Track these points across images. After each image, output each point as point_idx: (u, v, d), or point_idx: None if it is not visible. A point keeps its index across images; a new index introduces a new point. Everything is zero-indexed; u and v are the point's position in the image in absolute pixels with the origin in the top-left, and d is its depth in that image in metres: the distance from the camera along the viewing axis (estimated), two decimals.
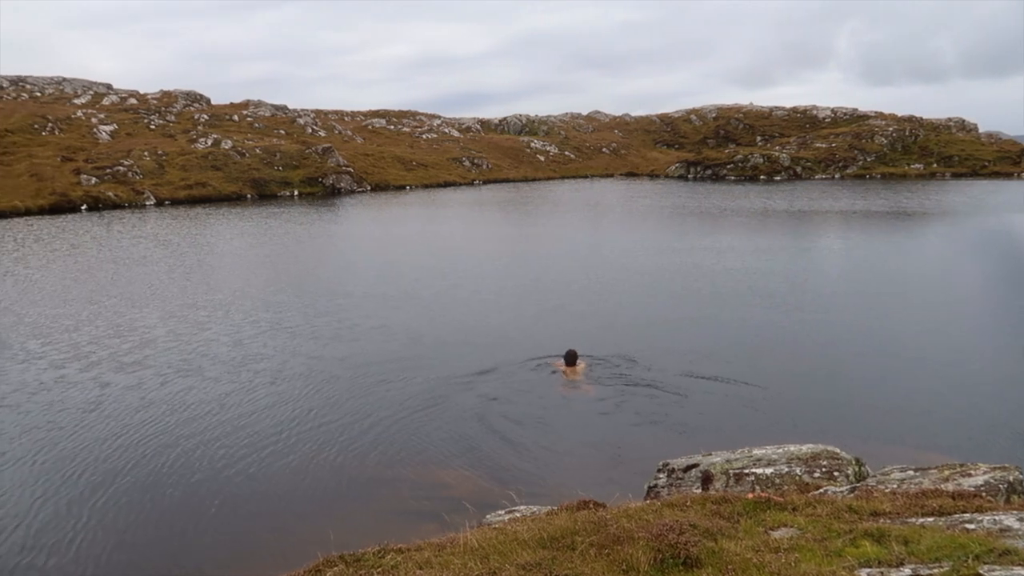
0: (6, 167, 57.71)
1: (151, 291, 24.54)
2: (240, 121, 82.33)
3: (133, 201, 57.79)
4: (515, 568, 4.67)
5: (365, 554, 5.53)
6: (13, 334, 18.86)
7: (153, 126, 75.75)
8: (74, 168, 59.59)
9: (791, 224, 42.91)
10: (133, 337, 18.57)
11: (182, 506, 9.86)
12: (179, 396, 14.20)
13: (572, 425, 12.79)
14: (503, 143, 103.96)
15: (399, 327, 19.22)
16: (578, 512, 5.97)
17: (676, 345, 17.31)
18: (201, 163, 66.48)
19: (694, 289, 23.76)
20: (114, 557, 8.64)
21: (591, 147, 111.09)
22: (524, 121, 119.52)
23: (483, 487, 10.09)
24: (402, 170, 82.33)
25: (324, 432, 12.33)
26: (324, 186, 70.12)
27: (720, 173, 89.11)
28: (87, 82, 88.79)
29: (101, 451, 11.62)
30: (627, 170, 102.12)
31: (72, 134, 68.08)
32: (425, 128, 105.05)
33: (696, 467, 7.98)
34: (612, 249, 34.07)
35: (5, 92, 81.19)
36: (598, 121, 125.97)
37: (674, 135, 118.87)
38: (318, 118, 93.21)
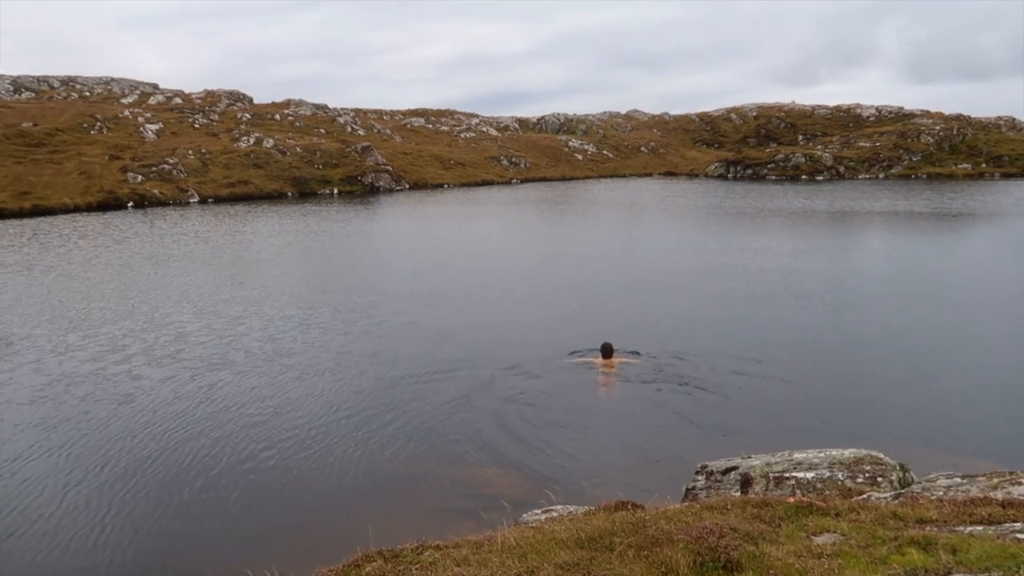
0: (57, 165, 59.30)
1: (188, 286, 25.03)
2: (281, 120, 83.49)
3: (177, 199, 58.97)
4: (553, 567, 4.66)
5: (403, 550, 5.57)
6: (54, 327, 19.37)
7: (197, 125, 77.18)
8: (121, 166, 61.01)
9: (830, 225, 42.20)
10: (168, 331, 18.96)
11: (218, 498, 10.02)
12: (211, 390, 14.45)
13: (608, 424, 12.74)
14: (541, 142, 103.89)
15: (432, 325, 19.34)
16: (616, 513, 5.94)
17: (712, 345, 17.14)
18: (243, 161, 67.57)
19: (731, 289, 23.52)
20: (149, 549, 8.81)
21: (629, 146, 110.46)
22: (562, 120, 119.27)
23: (519, 485, 10.10)
24: (440, 169, 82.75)
25: (358, 428, 12.45)
26: (363, 184, 70.79)
27: (760, 173, 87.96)
28: (134, 82, 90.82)
29: (134, 443, 11.86)
30: (665, 169, 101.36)
31: (120, 133, 69.68)
32: (463, 127, 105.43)
33: (735, 470, 7.89)
34: (647, 249, 33.88)
35: (56, 92, 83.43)
36: (636, 120, 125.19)
37: (714, 134, 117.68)
38: (358, 117, 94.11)
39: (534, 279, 26.11)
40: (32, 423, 12.78)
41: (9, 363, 16.32)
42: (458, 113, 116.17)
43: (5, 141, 61.45)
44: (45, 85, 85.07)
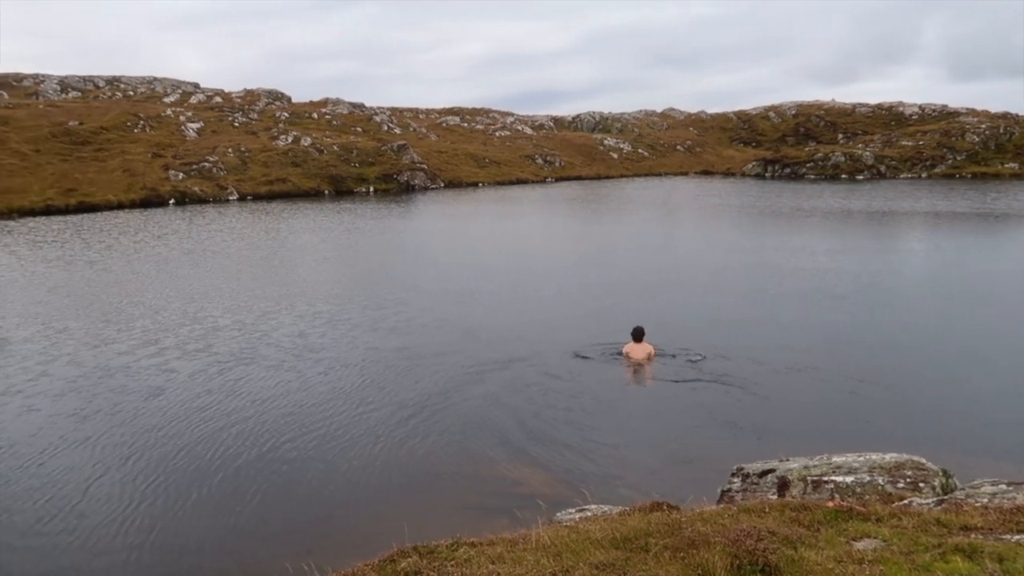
0: (101, 163, 60.66)
1: (222, 282, 25.46)
2: (319, 119, 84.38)
3: (217, 196, 59.94)
4: (588, 567, 4.66)
5: (438, 546, 5.60)
6: (91, 320, 19.81)
7: (237, 124, 78.34)
8: (163, 164, 62.20)
9: (868, 225, 41.46)
10: (201, 325, 19.29)
11: (253, 492, 10.13)
12: (242, 384, 14.65)
13: (641, 422, 12.67)
14: (576, 140, 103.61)
15: (462, 322, 19.40)
16: (651, 513, 5.91)
17: (745, 344, 16.96)
18: (281, 160, 68.45)
19: (764, 289, 23.30)
20: (184, 540, 8.94)
21: (665, 145, 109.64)
22: (597, 118, 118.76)
23: (552, 484, 10.10)
24: (475, 167, 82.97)
25: (389, 423, 12.53)
26: (399, 183, 71.27)
27: (799, 172, 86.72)
28: (176, 81, 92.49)
29: (166, 436, 12.04)
30: (702, 168, 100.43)
31: (162, 131, 71.03)
32: (498, 126, 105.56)
33: (772, 472, 7.80)
34: (680, 247, 33.66)
35: (101, 91, 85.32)
36: (672, 118, 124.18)
37: (751, 133, 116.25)
38: (394, 116, 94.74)
39: (565, 277, 26.08)
40: (66, 413, 13.07)
41: (46, 355, 16.73)
42: (493, 111, 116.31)
43: (52, 139, 63.02)
44: (91, 85, 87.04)
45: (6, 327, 19.26)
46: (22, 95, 79.10)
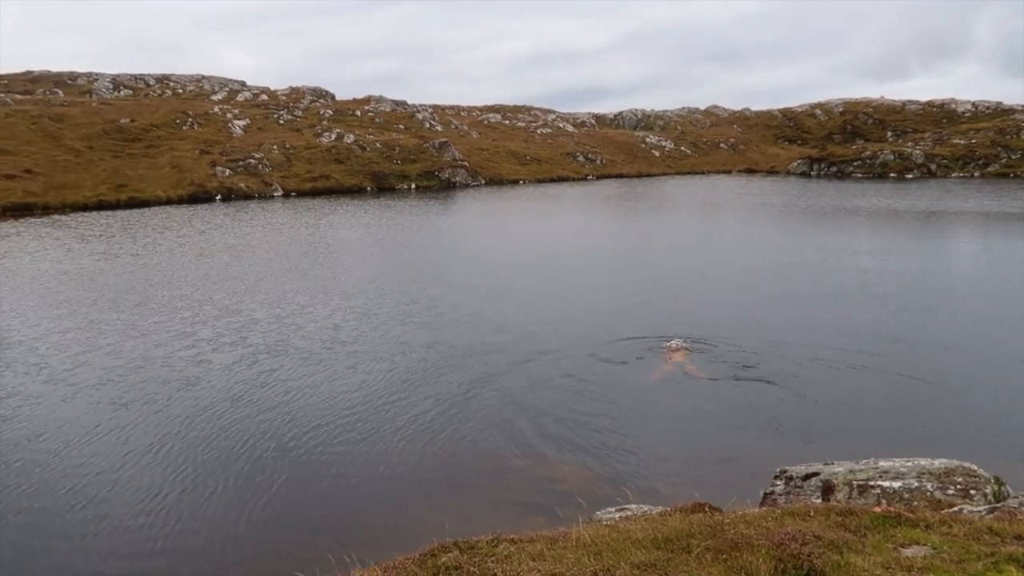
0: (151, 159, 62.07)
1: (261, 276, 25.93)
2: (362, 116, 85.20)
3: (262, 192, 60.90)
4: (629, 567, 4.64)
5: (479, 542, 5.63)
6: (133, 313, 20.30)
7: (282, 121, 79.47)
8: (210, 161, 63.40)
9: (915, 224, 40.46)
10: (237, 319, 19.68)
11: (293, 484, 10.29)
12: (278, 376, 14.88)
13: (682, 421, 12.57)
14: (617, 138, 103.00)
15: (497, 318, 19.46)
16: (693, 514, 5.86)
17: (788, 344, 16.71)
18: (325, 156, 69.29)
19: (806, 288, 22.99)
20: (228, 532, 9.11)
21: (708, 142, 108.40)
22: (639, 116, 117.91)
23: (591, 482, 10.07)
24: (516, 165, 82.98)
25: (429, 419, 12.62)
26: (440, 180, 71.63)
27: (846, 170, 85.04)
28: (223, 79, 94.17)
29: (206, 428, 12.28)
30: (745, 166, 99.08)
31: (209, 128, 72.39)
32: (540, 123, 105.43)
33: (816, 476, 7.68)
34: (721, 246, 33.28)
35: (152, 89, 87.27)
36: (716, 116, 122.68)
37: (797, 130, 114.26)
38: (435, 113, 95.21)
39: (601, 274, 25.96)
40: (105, 402, 13.43)
41: (86, 345, 17.21)
42: (534, 109, 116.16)
43: (105, 136, 64.66)
44: (142, 83, 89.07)
45: (52, 317, 19.85)
46: (76, 93, 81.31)
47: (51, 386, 14.37)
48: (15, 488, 10.27)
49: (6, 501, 9.93)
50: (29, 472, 10.73)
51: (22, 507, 9.76)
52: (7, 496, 10.06)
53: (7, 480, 10.51)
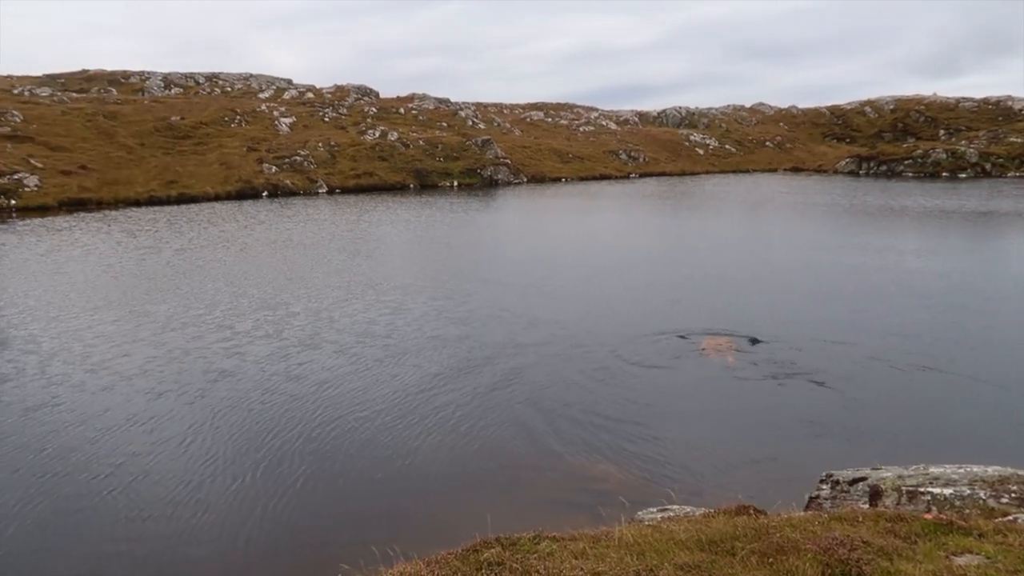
0: (200, 156, 63.39)
1: (300, 270, 26.36)
2: (405, 114, 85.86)
3: (307, 189, 61.78)
4: (673, 568, 4.61)
5: (520, 539, 5.65)
6: (173, 305, 20.78)
7: (327, 119, 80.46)
8: (257, 158, 64.51)
9: (966, 225, 39.32)
10: (275, 312, 20.03)
11: (337, 477, 10.41)
12: (315, 370, 15.07)
13: (725, 421, 12.44)
14: (661, 136, 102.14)
15: (539, 315, 19.44)
16: (737, 517, 5.81)
17: (832, 344, 16.44)
18: (369, 154, 70.01)
19: (849, 288, 22.57)
20: (270, 525, 9.26)
21: (753, 140, 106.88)
22: (683, 114, 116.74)
23: (634, 482, 10.03)
24: (558, 162, 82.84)
25: (468, 414, 12.68)
26: (482, 177, 71.87)
27: (896, 169, 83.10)
28: (271, 78, 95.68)
29: (247, 420, 12.47)
30: (792, 165, 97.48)
31: (256, 126, 73.65)
32: (582, 121, 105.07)
33: (864, 481, 7.54)
34: (763, 244, 32.83)
35: (201, 88, 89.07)
36: (762, 113, 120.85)
37: (845, 128, 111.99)
38: (478, 111, 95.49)
39: (641, 271, 25.77)
40: (144, 390, 13.75)
41: (129, 337, 17.69)
42: (577, 107, 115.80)
43: (156, 134, 66.22)
44: (192, 81, 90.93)
45: (96, 309, 20.46)
46: (129, 91, 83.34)
47: (91, 375, 14.83)
48: (50, 474, 10.57)
49: (40, 485, 10.22)
50: (65, 456, 11.06)
51: (58, 492, 10.04)
52: (41, 481, 10.36)
53: (43, 465, 10.84)
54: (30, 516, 9.44)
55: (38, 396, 13.63)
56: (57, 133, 60.84)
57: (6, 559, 8.53)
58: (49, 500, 9.83)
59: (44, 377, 14.70)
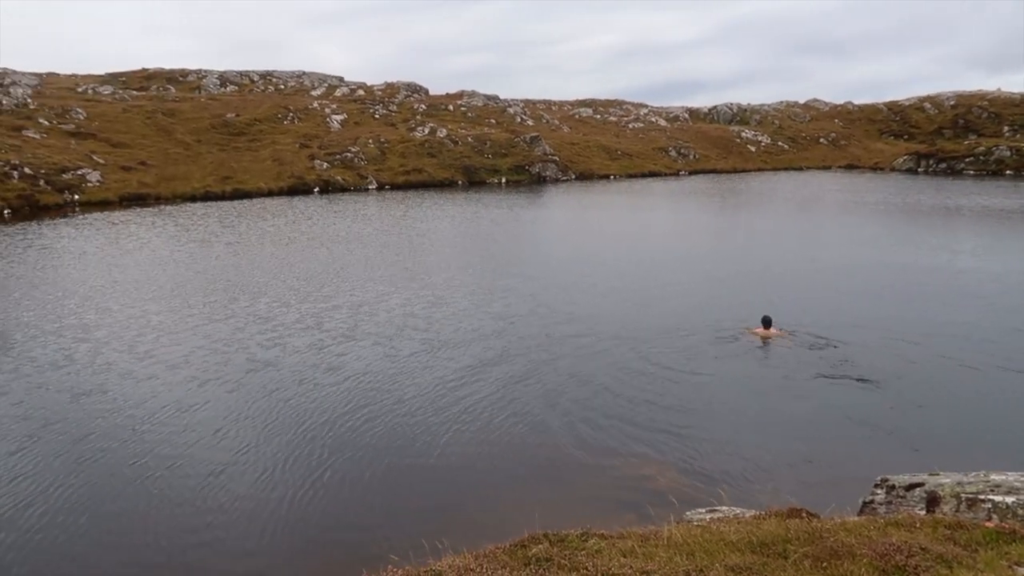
0: (254, 152, 64.68)
1: (345, 264, 26.80)
2: (454, 111, 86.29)
3: (358, 185, 62.58)
4: (723, 569, 4.57)
5: (569, 535, 5.66)
6: (221, 296, 21.28)
7: (377, 115, 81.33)
8: (309, 154, 65.57)
9: None
10: (318, 305, 20.38)
11: (386, 472, 10.50)
12: (355, 363, 15.25)
13: (776, 421, 12.25)
14: (711, 133, 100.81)
15: (587, 310, 19.39)
16: (789, 519, 5.72)
17: (887, 343, 16.08)
18: (418, 150, 70.58)
19: (901, 286, 22.11)
20: (320, 518, 9.39)
21: (807, 137, 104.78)
22: (735, 110, 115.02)
23: (683, 481, 9.94)
24: (607, 159, 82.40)
25: (515, 409, 12.70)
26: (530, 174, 71.87)
27: (956, 167, 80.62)
28: (323, 75, 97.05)
29: (293, 412, 12.65)
30: (847, 162, 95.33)
31: (308, 123, 74.83)
32: (631, 117, 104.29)
33: (921, 486, 7.35)
34: (814, 242, 32.20)
35: (255, 85, 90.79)
36: (816, 110, 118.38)
37: (903, 125, 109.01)
38: (527, 108, 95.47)
39: (687, 268, 25.48)
40: (186, 379, 14.07)
41: (175, 327, 18.22)
42: (626, 103, 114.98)
43: (212, 131, 67.76)
44: (246, 79, 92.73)
45: (146, 300, 21.13)
46: (187, 89, 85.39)
47: (140, 363, 15.33)
48: (91, 459, 10.91)
49: (80, 470, 10.55)
50: (108, 442, 11.39)
51: (98, 477, 10.34)
52: (81, 465, 10.69)
53: (84, 450, 11.20)
54: (67, 499, 9.73)
55: (87, 383, 14.15)
56: (118, 130, 62.70)
57: (42, 540, 8.80)
58: (87, 485, 10.12)
59: (94, 365, 15.26)
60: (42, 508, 9.49)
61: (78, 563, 8.42)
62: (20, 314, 19.41)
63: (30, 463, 10.76)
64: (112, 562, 8.48)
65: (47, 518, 9.26)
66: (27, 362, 15.41)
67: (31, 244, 31.77)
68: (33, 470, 10.55)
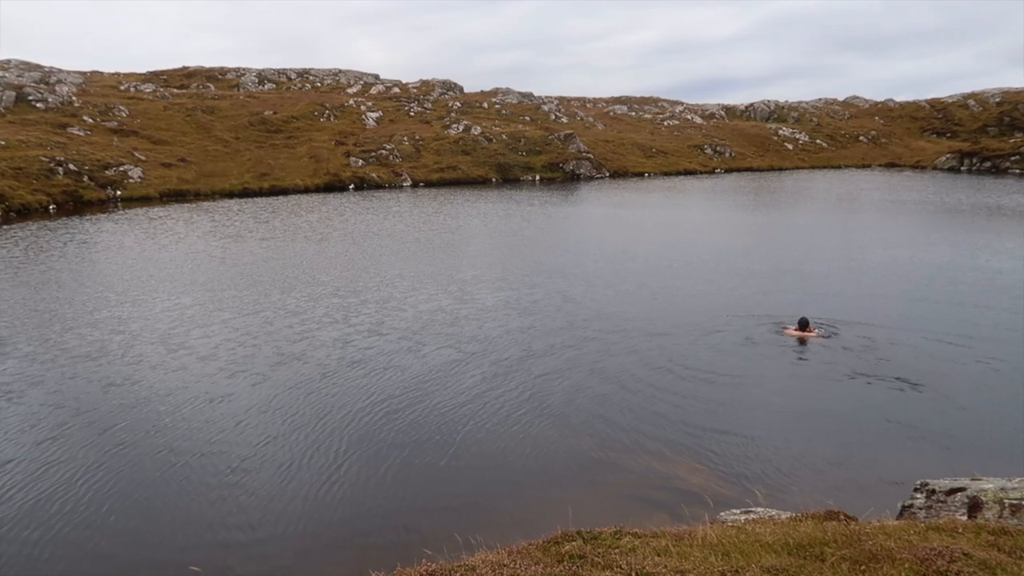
0: (291, 149, 65.43)
1: (375, 260, 27.07)
2: (489, 108, 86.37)
3: (392, 182, 62.99)
4: (759, 570, 4.53)
5: (602, 533, 5.65)
6: (252, 291, 21.53)
7: (412, 113, 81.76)
8: (345, 151, 66.14)
9: None
10: (346, 300, 20.61)
11: (420, 466, 10.57)
12: (383, 358, 15.37)
13: (811, 420, 12.09)
14: (748, 130, 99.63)
15: (615, 309, 19.29)
16: (826, 522, 5.65)
17: (926, 344, 15.78)
18: (452, 148, 70.81)
19: (939, 287, 21.68)
20: (357, 512, 9.48)
21: (846, 135, 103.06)
22: (772, 107, 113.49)
23: (717, 481, 9.85)
24: (641, 157, 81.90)
25: (548, 407, 12.68)
26: (564, 171, 71.70)
27: (1001, 166, 78.66)
28: (358, 73, 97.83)
29: (323, 406, 12.78)
30: (887, 160, 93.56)
31: (344, 120, 75.49)
32: (667, 115, 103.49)
33: (962, 491, 7.20)
34: (848, 241, 31.60)
35: (293, 83, 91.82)
36: (856, 107, 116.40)
37: (946, 122, 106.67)
38: (561, 105, 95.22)
39: (718, 266, 25.17)
40: (214, 371, 14.26)
41: (206, 319, 18.54)
42: (662, 100, 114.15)
43: (250, 128, 68.69)
44: (284, 77, 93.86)
45: (179, 293, 21.54)
46: (226, 87, 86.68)
47: (171, 355, 15.67)
48: (120, 445, 11.17)
49: (106, 458, 10.78)
50: (135, 431, 11.62)
51: (123, 465, 10.54)
52: (107, 454, 10.93)
53: (112, 438, 11.45)
54: (90, 489, 9.95)
55: (119, 374, 14.50)
56: (159, 127, 63.85)
57: (62, 529, 8.99)
58: (111, 475, 10.34)
59: (126, 356, 15.62)
60: (65, 497, 9.71)
61: (98, 553, 8.56)
62: (58, 307, 19.91)
63: (59, 452, 11.04)
64: (133, 551, 8.61)
65: (69, 506, 9.47)
66: (63, 353, 15.84)
67: (72, 238, 32.54)
68: (61, 458, 10.82)
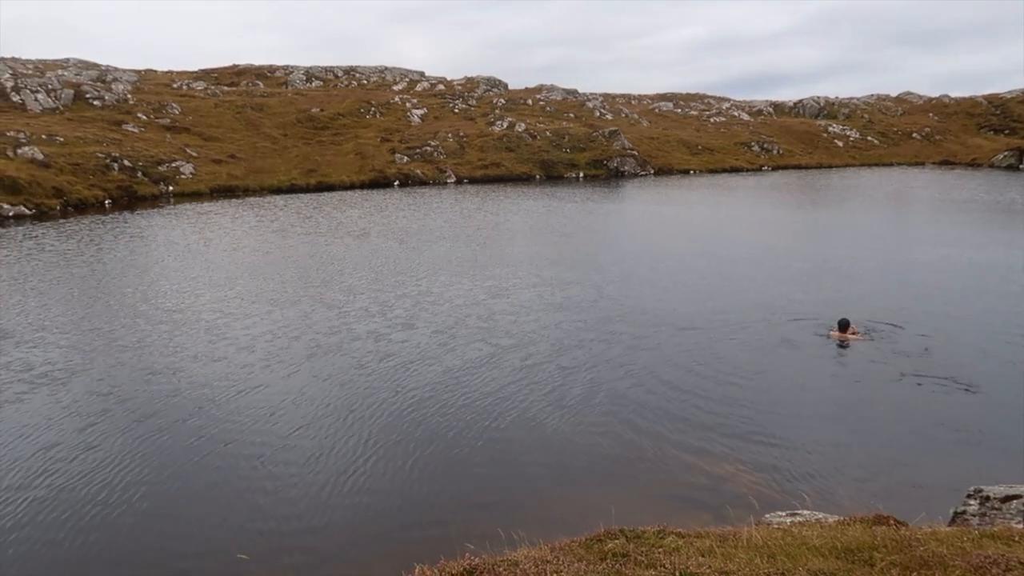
0: (337, 146, 66.29)
1: (415, 255, 27.33)
2: (533, 105, 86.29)
3: (436, 179, 63.39)
4: (806, 573, 4.47)
5: (645, 532, 5.63)
6: (292, 287, 21.82)
7: (456, 110, 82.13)
8: (390, 148, 66.76)
9: None
10: (384, 295, 20.86)
11: (463, 462, 10.64)
12: (421, 353, 15.53)
13: (859, 423, 11.86)
14: (797, 127, 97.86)
15: (657, 307, 19.17)
16: (875, 527, 5.55)
17: (980, 345, 15.40)
18: (496, 145, 70.95)
19: (991, 287, 21.14)
20: (399, 502, 9.58)
21: (899, 132, 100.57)
22: (822, 104, 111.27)
23: (763, 483, 9.73)
24: (687, 154, 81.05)
25: (593, 404, 12.65)
26: (608, 169, 71.34)
27: None
28: (404, 70, 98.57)
29: (362, 399, 12.92)
30: (942, 158, 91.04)
31: (390, 117, 76.16)
32: (713, 111, 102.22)
33: (1018, 499, 7.01)
34: (897, 240, 30.91)
35: (339, 80, 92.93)
36: (909, 103, 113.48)
37: (1004, 119, 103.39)
38: (606, 101, 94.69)
39: (767, 263, 24.79)
40: (254, 363, 14.49)
41: (246, 312, 18.92)
42: (708, 97, 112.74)
43: (298, 125, 69.75)
44: (330, 74, 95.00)
45: (221, 286, 22.04)
46: (274, 84, 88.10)
47: (211, 346, 16.05)
48: (154, 437, 11.42)
49: (142, 447, 11.05)
50: (172, 420, 11.86)
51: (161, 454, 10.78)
52: (143, 443, 11.21)
53: (149, 426, 11.74)
54: (125, 475, 10.20)
55: (160, 363, 14.91)
56: (210, 124, 65.19)
57: (96, 514, 9.23)
58: (146, 462, 10.59)
59: (169, 346, 16.07)
60: (101, 482, 9.98)
61: (145, 537, 8.77)
62: (107, 299, 20.53)
63: (98, 438, 11.39)
64: (181, 537, 8.79)
65: (104, 493, 9.72)
66: (110, 342, 16.35)
67: (123, 232, 33.48)
68: (99, 444, 11.17)
